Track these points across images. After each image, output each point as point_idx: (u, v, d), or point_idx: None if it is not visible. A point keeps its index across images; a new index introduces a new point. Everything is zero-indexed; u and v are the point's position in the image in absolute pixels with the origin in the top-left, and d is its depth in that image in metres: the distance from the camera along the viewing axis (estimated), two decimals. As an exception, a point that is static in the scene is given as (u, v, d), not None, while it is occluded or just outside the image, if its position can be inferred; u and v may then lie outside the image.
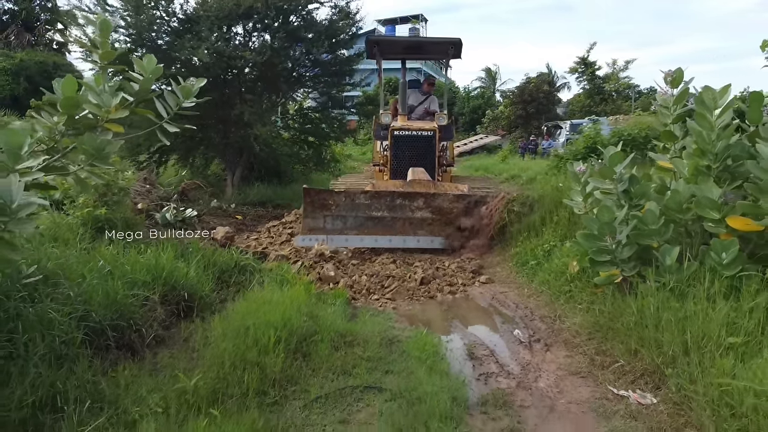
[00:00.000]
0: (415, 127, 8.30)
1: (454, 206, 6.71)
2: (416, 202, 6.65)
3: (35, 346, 2.79)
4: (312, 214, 6.63)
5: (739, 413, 2.50)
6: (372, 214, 6.63)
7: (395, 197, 6.63)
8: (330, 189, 7.10)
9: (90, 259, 4.07)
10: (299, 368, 3.29)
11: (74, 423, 2.38)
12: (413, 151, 8.18)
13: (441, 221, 6.71)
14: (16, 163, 2.90)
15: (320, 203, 6.61)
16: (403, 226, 6.68)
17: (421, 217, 6.68)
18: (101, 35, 3.40)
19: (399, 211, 6.65)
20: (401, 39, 13.33)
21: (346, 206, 6.60)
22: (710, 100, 4.18)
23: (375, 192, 6.71)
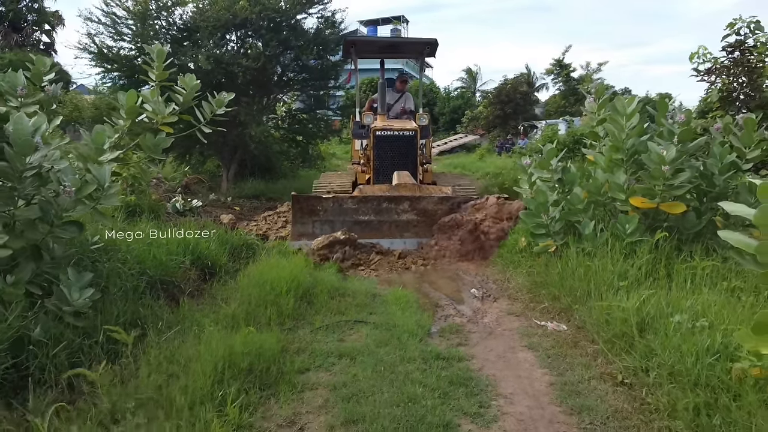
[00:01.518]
0: (397, 127, 8.38)
1: (438, 208, 6.96)
2: (402, 205, 6.91)
3: (114, 288, 3.86)
4: (301, 220, 6.83)
5: (611, 323, 3.68)
6: (359, 218, 6.83)
7: (381, 201, 6.88)
8: (318, 195, 7.24)
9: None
10: (305, 309, 4.42)
11: (155, 335, 3.44)
12: (395, 150, 8.26)
13: (426, 223, 6.95)
14: (100, 155, 3.98)
15: (309, 209, 6.82)
16: (390, 229, 6.91)
17: (406, 219, 6.93)
18: (156, 60, 4.48)
19: (385, 215, 6.89)
20: (378, 39, 14.04)
21: (334, 211, 6.82)
22: (622, 107, 5.37)
23: (362, 197, 6.94)
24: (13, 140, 3.34)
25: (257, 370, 3.13)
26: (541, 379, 3.37)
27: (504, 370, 3.49)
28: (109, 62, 11.26)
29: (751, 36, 7.66)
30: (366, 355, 3.58)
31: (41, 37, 34.97)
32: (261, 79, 11.92)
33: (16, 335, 3.00)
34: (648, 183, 5.03)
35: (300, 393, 3.11)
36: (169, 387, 2.78)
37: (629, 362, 3.34)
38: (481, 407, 2.97)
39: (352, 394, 3.05)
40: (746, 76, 7.64)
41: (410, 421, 2.75)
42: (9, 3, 32.67)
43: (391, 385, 3.15)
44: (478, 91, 51.84)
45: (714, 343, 3.04)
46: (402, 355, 3.58)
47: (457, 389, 3.15)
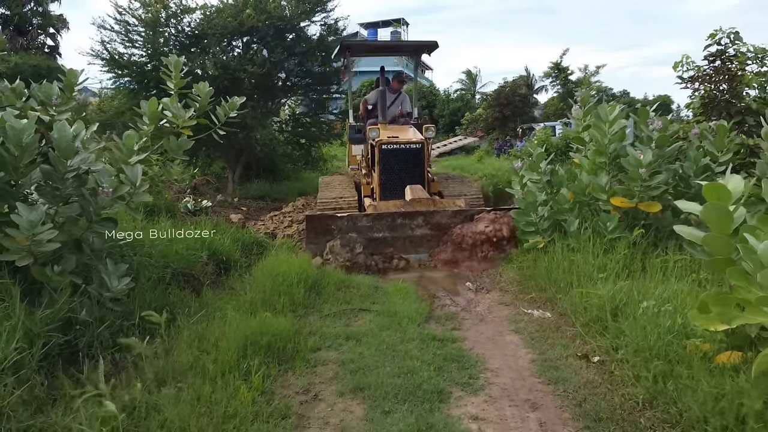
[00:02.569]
0: (403, 140, 7.97)
1: (452, 221, 6.79)
2: (416, 220, 6.74)
3: (144, 279, 4.30)
4: (315, 240, 6.54)
5: (588, 309, 4.13)
6: (374, 235, 6.62)
7: (396, 217, 6.70)
8: (332, 214, 6.95)
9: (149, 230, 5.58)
10: (314, 298, 4.87)
11: (183, 319, 3.89)
12: (401, 164, 7.85)
13: (439, 237, 6.79)
14: (130, 157, 4.43)
15: (322, 229, 6.56)
16: (404, 245, 6.72)
17: (420, 234, 6.76)
18: (174, 70, 4.95)
19: (400, 231, 6.71)
20: (373, 43, 13.96)
21: (348, 229, 6.56)
22: (604, 114, 5.82)
23: (377, 214, 6.75)
24: (57, 145, 3.79)
25: (275, 347, 3.58)
26: (525, 357, 3.82)
27: (492, 350, 3.94)
28: (121, 68, 11.71)
29: (731, 46, 8.12)
30: (370, 337, 4.03)
31: (46, 40, 35.36)
32: (266, 84, 12.37)
33: (65, 317, 3.44)
34: (627, 184, 5.48)
35: (313, 367, 3.56)
36: (202, 360, 3.23)
37: (602, 342, 3.79)
38: (470, 378, 3.43)
39: (358, 368, 3.50)
40: (727, 84, 8.07)
41: (409, 388, 3.20)
42: (14, 7, 33.04)
43: (393, 360, 3.60)
44: (478, 93, 52.37)
45: (675, 324, 3.48)
46: (402, 336, 4.03)
47: (450, 364, 3.60)
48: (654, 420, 2.90)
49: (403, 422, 2.82)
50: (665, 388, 3.03)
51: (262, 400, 3.00)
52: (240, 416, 2.76)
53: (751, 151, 7.05)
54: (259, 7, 11.57)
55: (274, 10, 11.58)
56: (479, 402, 3.16)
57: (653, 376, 3.16)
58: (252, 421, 2.77)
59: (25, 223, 3.43)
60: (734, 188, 3.11)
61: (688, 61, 8.46)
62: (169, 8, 11.67)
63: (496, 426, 2.89)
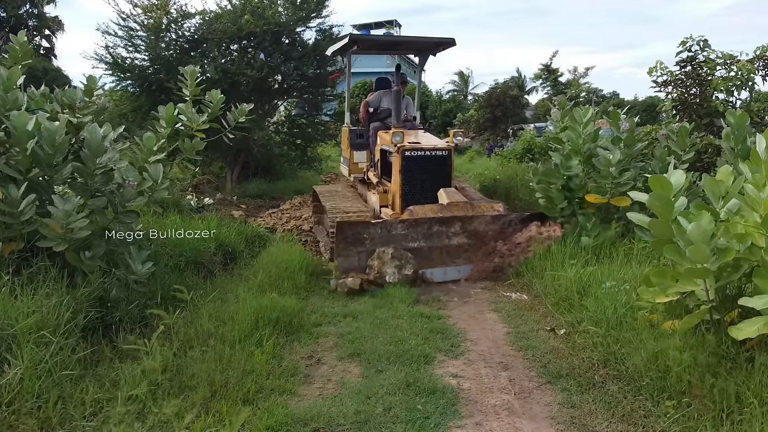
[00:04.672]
0: (428, 146, 7.15)
1: (490, 228, 6.18)
2: (453, 227, 6.08)
3: (161, 265, 4.79)
4: (345, 252, 5.68)
5: (558, 290, 4.66)
6: (409, 245, 5.90)
7: (433, 224, 6.00)
8: (364, 221, 6.32)
9: (163, 224, 6.07)
10: (315, 283, 5.41)
11: (198, 298, 4.39)
12: (426, 173, 7.00)
13: (477, 246, 6.15)
14: (150, 156, 4.92)
15: (354, 238, 5.75)
16: (441, 256, 6.04)
17: (457, 243, 6.08)
18: (189, 79, 5.45)
19: (436, 239, 6.02)
20: (386, 38, 12.40)
21: (382, 239, 5.84)
22: (579, 117, 6.37)
23: (413, 220, 5.99)
24: (88, 145, 4.30)
25: (283, 321, 4.09)
26: (501, 330, 4.35)
27: (473, 325, 4.48)
28: (124, 72, 12.15)
29: (701, 52, 8.70)
30: (365, 315, 4.56)
31: (41, 42, 35.65)
32: (263, 86, 12.86)
33: (98, 296, 3.94)
34: (599, 182, 6.02)
35: (316, 338, 4.09)
36: (221, 329, 3.74)
37: (569, 317, 4.32)
38: (452, 346, 3.96)
39: (355, 338, 4.03)
40: (697, 88, 8.66)
41: (399, 353, 3.72)
42: (10, 9, 33.34)
43: (385, 332, 4.13)
44: (470, 94, 52.99)
45: (630, 300, 4.02)
46: (394, 314, 4.56)
47: (435, 335, 4.13)
48: (606, 376, 3.44)
49: (394, 378, 3.34)
50: (617, 350, 3.57)
51: (273, 362, 3.52)
52: (256, 372, 3.27)
53: (718, 150, 7.62)
54: (257, 13, 12.05)
55: (271, 17, 12.06)
56: (459, 364, 3.69)
57: (608, 342, 3.70)
58: (267, 377, 3.29)
59: (60, 213, 3.92)
60: (676, 181, 3.65)
61: (662, 66, 9.03)
62: (171, 14, 12.14)
63: (472, 381, 3.42)
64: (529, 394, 3.27)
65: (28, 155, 4.13)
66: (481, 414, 3.01)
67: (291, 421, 2.82)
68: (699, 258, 3.03)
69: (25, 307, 3.08)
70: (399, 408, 2.98)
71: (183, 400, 2.90)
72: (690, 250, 3.05)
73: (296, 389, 3.25)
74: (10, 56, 5.15)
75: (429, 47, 8.95)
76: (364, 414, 2.92)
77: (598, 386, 3.32)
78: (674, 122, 8.51)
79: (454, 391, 3.25)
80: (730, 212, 3.48)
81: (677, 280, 3.28)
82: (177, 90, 10.47)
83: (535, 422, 2.94)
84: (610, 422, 2.92)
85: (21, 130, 4.05)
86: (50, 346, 2.92)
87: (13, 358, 2.75)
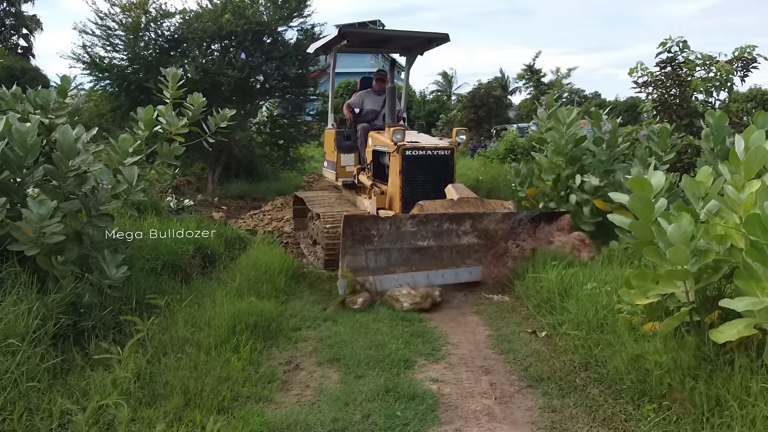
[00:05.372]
0: (430, 145, 6.85)
1: (500, 228, 5.94)
2: (464, 225, 5.80)
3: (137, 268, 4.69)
4: (352, 250, 5.37)
5: (540, 291, 4.64)
6: (418, 244, 5.67)
7: (443, 221, 5.72)
8: (373, 215, 6.25)
9: (141, 226, 5.96)
10: (295, 286, 5.32)
11: (177, 303, 4.29)
12: (427, 174, 6.68)
13: (487, 246, 5.93)
14: (125, 158, 4.81)
15: (362, 235, 5.45)
16: (451, 256, 5.81)
17: (467, 243, 5.85)
18: (171, 81, 5.35)
19: (446, 238, 5.77)
20: (379, 31, 11.95)
21: (391, 236, 5.56)
22: (563, 117, 6.37)
23: (424, 216, 5.68)
24: (60, 147, 4.18)
25: (261, 326, 4.02)
26: (482, 333, 4.32)
27: (454, 328, 4.44)
28: (102, 71, 11.96)
29: (680, 53, 8.77)
30: (345, 318, 4.50)
31: (19, 41, 35.04)
32: (244, 87, 12.73)
33: (71, 301, 3.83)
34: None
35: (295, 343, 4.02)
36: (197, 335, 3.66)
37: (550, 319, 4.30)
38: (433, 350, 3.92)
39: (334, 343, 3.97)
40: (677, 89, 8.72)
41: (378, 358, 3.67)
42: (-12, 8, 32.72)
43: (365, 336, 4.08)
44: (454, 94, 53.12)
45: (610, 302, 4.01)
46: (374, 317, 4.51)
47: (416, 339, 4.09)
48: (587, 379, 3.41)
49: (373, 383, 3.29)
50: (598, 353, 3.55)
51: (250, 369, 3.44)
52: (232, 379, 3.20)
53: (698, 151, 7.67)
54: (237, 13, 11.92)
55: (252, 16, 11.94)
56: (440, 368, 3.65)
57: (589, 344, 3.68)
58: (243, 384, 3.21)
59: (35, 217, 3.80)
60: (656, 182, 3.64)
61: (642, 67, 9.08)
62: (149, 13, 11.97)
63: (453, 386, 3.38)
64: (510, 398, 3.24)
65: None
66: (461, 420, 2.96)
67: (266, 430, 2.74)
68: (679, 260, 3.01)
69: (-8, 314, 2.98)
70: (378, 415, 2.93)
71: (155, 409, 2.81)
72: (670, 251, 3.03)
73: (273, 396, 3.18)
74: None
75: (421, 43, 8.63)
76: (342, 422, 2.85)
77: (579, 390, 3.29)
78: (655, 123, 8.57)
79: (435, 396, 3.20)
80: (710, 213, 3.48)
81: (657, 282, 3.26)
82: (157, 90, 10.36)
83: (516, 428, 2.90)
84: (591, 426, 2.89)
85: (-10, 132, 3.93)
86: (17, 354, 2.82)
87: (-23, 369, 2.65)
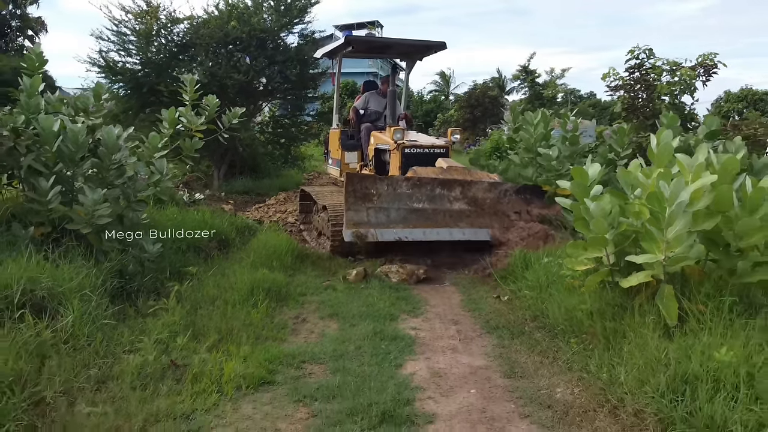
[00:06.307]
0: (427, 143, 7.59)
1: (488, 196, 6.53)
2: (454, 191, 6.42)
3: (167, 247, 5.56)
4: (354, 206, 6.06)
5: (527, 286, 5.52)
6: (414, 206, 6.30)
7: (435, 186, 6.37)
8: (372, 175, 6.85)
9: (164, 214, 6.84)
10: (300, 264, 6.21)
11: (201, 273, 5.17)
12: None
13: (477, 213, 6.49)
14: (154, 153, 5.68)
15: (362, 193, 6.13)
16: (444, 218, 6.36)
17: (458, 209, 6.44)
18: (189, 86, 6.23)
19: (438, 202, 6.38)
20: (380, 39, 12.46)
21: (389, 197, 6.23)
22: (531, 119, 7.27)
23: (418, 179, 6.41)
24: (104, 143, 5.06)
25: (273, 290, 4.91)
26: (456, 298, 5.22)
27: (434, 294, 5.34)
28: (115, 75, 12.83)
29: (647, 60, 9.66)
30: (343, 287, 5.39)
31: (24, 42, 35.88)
32: (248, 89, 13.61)
33: (117, 269, 4.71)
34: (546, 176, 6.93)
35: (301, 304, 4.91)
36: (223, 295, 4.54)
37: (513, 287, 5.19)
38: (414, 309, 4.82)
39: (334, 304, 4.87)
40: (644, 92, 9.62)
41: (369, 313, 4.57)
42: (-7, 10, 33.54)
43: (360, 299, 4.98)
44: (452, 94, 53.98)
45: (560, 270, 4.89)
46: (366, 286, 5.41)
47: (401, 301, 4.99)
48: (533, 327, 4.31)
49: (365, 329, 4.18)
50: (544, 308, 4.44)
51: (267, 319, 4.33)
52: (254, 325, 4.09)
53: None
54: (243, 20, 12.81)
55: (257, 23, 12.82)
56: (418, 321, 4.55)
57: (538, 302, 4.57)
58: (262, 329, 4.10)
59: (89, 202, 4.68)
60: (592, 172, 4.52)
61: (614, 72, 9.99)
62: (160, 20, 12.83)
63: (427, 332, 4.28)
64: (471, 340, 4.13)
65: (54, 153, 4.87)
66: (431, 352, 3.86)
67: (283, 356, 3.63)
68: (599, 230, 3.90)
69: (66, 274, 3.85)
70: (367, 347, 3.82)
71: (197, 342, 3.70)
72: (593, 223, 3.92)
73: (286, 338, 4.07)
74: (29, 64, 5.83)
75: (420, 50, 9.32)
76: (340, 351, 3.75)
77: (526, 334, 4.19)
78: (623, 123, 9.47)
79: (412, 338, 4.10)
80: (636, 197, 4.37)
81: (586, 249, 4.15)
82: (168, 93, 11.24)
83: (472, 357, 3.79)
84: (529, 356, 3.78)
85: (48, 131, 4.80)
86: (90, 302, 3.69)
87: (64, 309, 3.52)
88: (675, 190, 3.27)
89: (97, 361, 3.27)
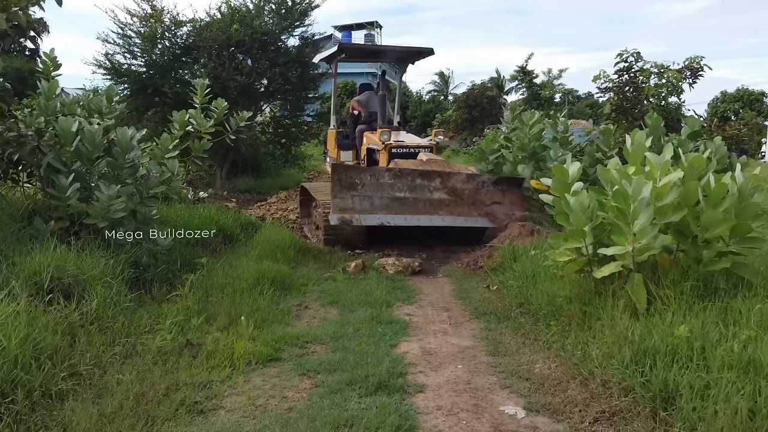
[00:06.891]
0: (412, 143, 8.05)
1: (466, 187, 6.97)
2: (434, 182, 6.86)
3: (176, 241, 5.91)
4: (340, 194, 6.59)
5: (515, 276, 5.87)
6: (396, 195, 6.73)
7: (416, 177, 6.80)
8: (357, 166, 7.48)
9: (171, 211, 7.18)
10: (302, 257, 6.57)
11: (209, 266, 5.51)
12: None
13: (456, 202, 6.92)
14: (165, 154, 6.03)
15: (348, 182, 6.64)
16: (425, 207, 6.81)
17: (438, 198, 6.88)
18: (199, 90, 6.57)
19: (419, 192, 6.81)
20: (371, 46, 13.65)
21: (372, 186, 6.69)
22: (526, 119, 7.62)
23: (399, 170, 6.89)
24: (119, 143, 5.41)
25: (278, 280, 5.26)
26: (448, 288, 5.58)
27: (427, 285, 5.70)
28: (120, 76, 13.18)
29: (635, 63, 10.03)
30: (343, 278, 5.74)
31: (26, 43, 36.14)
32: (250, 90, 13.96)
33: (132, 261, 5.05)
34: (542, 173, 7.27)
35: (303, 294, 5.27)
36: (232, 283, 4.90)
37: (502, 278, 5.54)
38: (408, 297, 5.18)
39: (334, 293, 5.23)
40: (633, 94, 9.98)
41: (367, 300, 4.92)
42: (-4, 11, 33.74)
43: (358, 289, 5.34)
44: (451, 94, 54.31)
45: (546, 261, 5.24)
46: (364, 277, 5.76)
47: (396, 290, 5.35)
48: (518, 313, 4.66)
49: (363, 315, 4.54)
50: (529, 295, 4.79)
51: (272, 306, 4.69)
52: (261, 310, 4.44)
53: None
54: (245, 23, 13.16)
55: (258, 26, 13.17)
56: (412, 308, 4.91)
57: (524, 290, 4.92)
58: (268, 314, 4.45)
59: (104, 198, 5.02)
60: (572, 170, 4.86)
61: (605, 74, 10.36)
62: (164, 23, 13.18)
63: (420, 317, 4.64)
64: (460, 324, 4.49)
65: (72, 152, 5.21)
66: (424, 334, 4.22)
67: (288, 337, 3.99)
68: (578, 223, 4.25)
69: (89, 263, 4.20)
70: (365, 330, 4.18)
71: (210, 324, 4.05)
72: (572, 216, 4.27)
73: (290, 322, 4.43)
74: (43, 69, 6.16)
75: (409, 56, 10.04)
76: (340, 333, 4.11)
77: (511, 319, 4.54)
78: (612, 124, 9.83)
79: (406, 322, 4.46)
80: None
81: (567, 240, 4.50)
82: (171, 94, 11.58)
83: (460, 338, 4.15)
84: (513, 337, 4.14)
85: (67, 132, 5.15)
86: (112, 288, 4.04)
87: (89, 294, 3.87)
88: (637, 187, 3.62)
89: (121, 340, 3.62)
